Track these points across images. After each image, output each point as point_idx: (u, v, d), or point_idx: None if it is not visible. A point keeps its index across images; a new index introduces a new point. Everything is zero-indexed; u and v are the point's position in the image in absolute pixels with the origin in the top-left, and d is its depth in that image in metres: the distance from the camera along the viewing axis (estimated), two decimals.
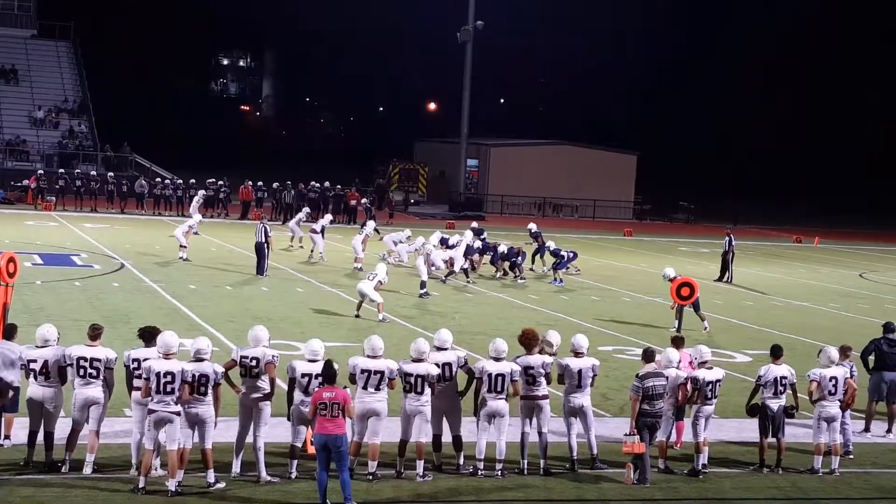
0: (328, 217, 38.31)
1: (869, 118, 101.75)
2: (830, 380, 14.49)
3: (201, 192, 46.23)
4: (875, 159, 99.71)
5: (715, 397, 14.26)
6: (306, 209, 42.06)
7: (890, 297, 35.29)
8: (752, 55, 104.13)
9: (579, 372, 14.01)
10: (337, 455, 12.12)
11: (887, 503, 13.49)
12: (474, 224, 37.25)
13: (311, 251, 35.64)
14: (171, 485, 12.15)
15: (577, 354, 14.13)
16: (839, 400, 14.60)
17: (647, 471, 13.53)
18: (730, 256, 36.15)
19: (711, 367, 14.42)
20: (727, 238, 36.26)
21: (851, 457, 15.25)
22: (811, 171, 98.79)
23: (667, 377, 13.89)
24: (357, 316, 24.03)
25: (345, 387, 12.60)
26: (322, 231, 35.15)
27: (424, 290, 28.16)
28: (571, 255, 34.04)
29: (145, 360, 12.61)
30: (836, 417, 14.56)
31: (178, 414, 12.31)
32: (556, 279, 32.88)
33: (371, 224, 35.60)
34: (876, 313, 29.63)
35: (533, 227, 37.02)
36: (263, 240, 30.51)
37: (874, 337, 17.22)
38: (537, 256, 35.70)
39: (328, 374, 12.38)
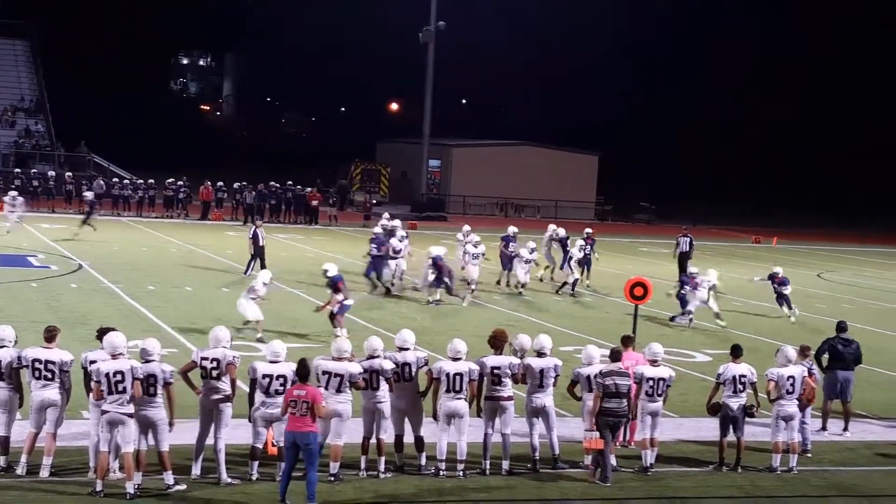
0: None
1: (829, 118, 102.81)
2: (788, 379, 14.60)
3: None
4: (830, 160, 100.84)
5: (659, 395, 14.27)
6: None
7: (847, 296, 35.62)
8: (713, 57, 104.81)
9: (541, 372, 14.04)
10: (306, 453, 12.12)
11: (844, 501, 13.62)
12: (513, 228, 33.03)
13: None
14: (129, 487, 12.06)
15: (540, 354, 14.16)
16: (797, 399, 14.72)
17: (607, 469, 13.58)
18: (688, 257, 36.10)
19: (658, 365, 14.44)
20: (686, 238, 36.22)
21: (809, 455, 15.39)
22: (770, 172, 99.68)
23: (630, 375, 13.93)
24: (240, 330, 21.20)
25: (319, 385, 12.59)
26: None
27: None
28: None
29: (93, 361, 12.48)
30: (794, 416, 14.67)
31: (130, 415, 12.20)
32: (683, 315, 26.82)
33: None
34: (833, 313, 29.86)
35: (561, 231, 33.42)
36: (263, 242, 30.71)
37: (827, 334, 17.41)
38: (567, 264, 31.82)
39: (301, 373, 12.38)
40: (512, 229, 32.65)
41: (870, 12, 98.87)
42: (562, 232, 33.46)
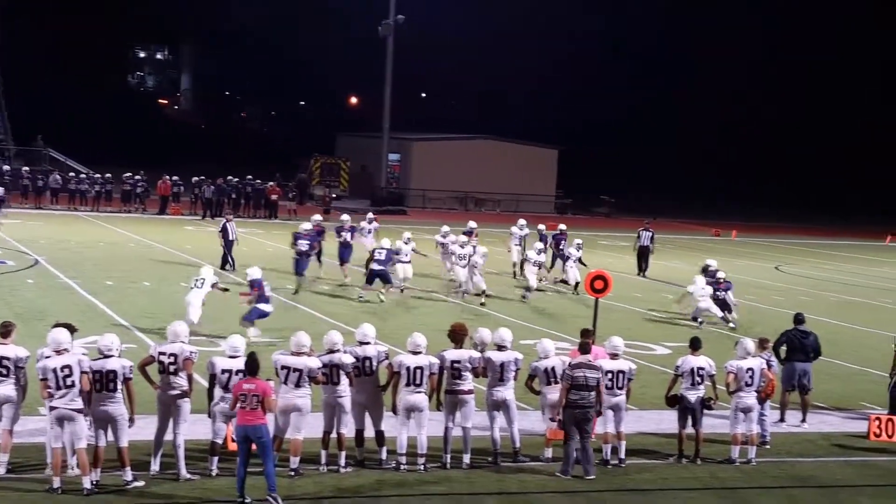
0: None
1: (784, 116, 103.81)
2: (747, 371, 14.68)
3: None
4: (796, 154, 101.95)
5: (619, 388, 14.27)
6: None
7: (804, 289, 35.95)
8: (670, 52, 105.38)
9: (502, 365, 14.05)
10: (259, 446, 12.09)
11: (802, 491, 13.73)
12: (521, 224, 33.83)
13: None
14: (86, 483, 11.96)
15: (500, 348, 14.17)
16: (756, 391, 14.81)
17: (569, 462, 13.60)
18: (648, 251, 36.38)
19: (618, 358, 14.46)
20: (648, 233, 36.34)
21: (768, 446, 15.50)
22: (727, 166, 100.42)
23: (599, 368, 13.92)
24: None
25: (268, 379, 12.52)
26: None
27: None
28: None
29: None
30: (753, 408, 14.76)
31: (79, 411, 12.08)
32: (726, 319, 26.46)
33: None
34: (791, 305, 30.15)
35: (542, 227, 33.42)
36: (235, 237, 30.95)
37: (788, 328, 17.56)
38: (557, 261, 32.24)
39: (250, 367, 12.31)
40: (471, 224, 32.61)
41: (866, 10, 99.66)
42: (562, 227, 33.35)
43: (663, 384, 16.16)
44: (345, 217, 31.94)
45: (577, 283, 30.24)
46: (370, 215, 34.64)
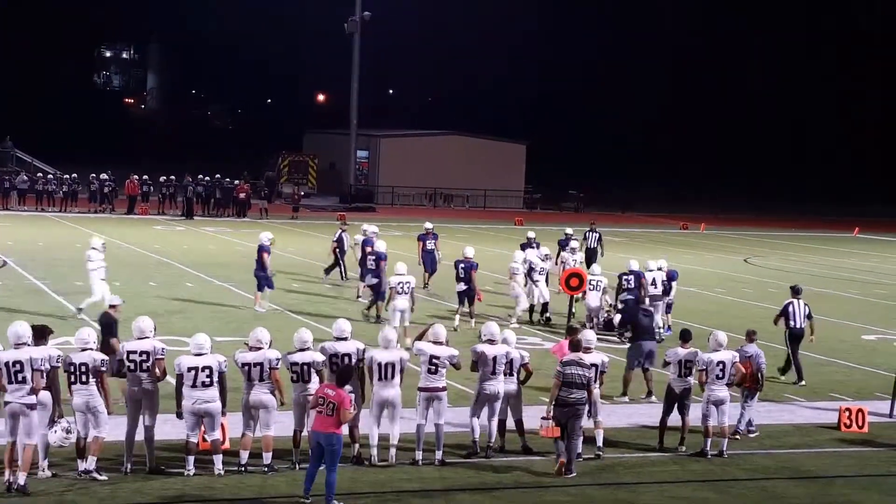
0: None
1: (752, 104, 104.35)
2: (718, 364, 14.74)
3: None
4: (757, 145, 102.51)
5: (596, 381, 14.31)
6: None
7: (773, 281, 36.12)
8: (638, 43, 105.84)
9: (494, 359, 14.07)
10: (329, 454, 12.04)
11: (773, 483, 13.80)
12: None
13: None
14: (21, 479, 11.90)
15: (490, 342, 14.17)
16: (727, 383, 14.88)
17: (567, 457, 13.58)
18: (595, 253, 33.88)
19: (590, 352, 14.41)
20: (594, 234, 34.76)
21: (738, 438, 15.53)
22: (696, 158, 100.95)
23: (589, 367, 13.93)
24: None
25: (351, 391, 12.48)
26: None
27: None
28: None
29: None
30: (725, 400, 14.81)
31: (32, 406, 12.03)
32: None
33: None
34: (760, 297, 30.30)
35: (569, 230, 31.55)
36: (348, 247, 28.90)
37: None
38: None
39: (340, 375, 12.45)
40: (427, 225, 30.38)
41: None
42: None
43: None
44: (372, 228, 27.84)
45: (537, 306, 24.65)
46: (373, 228, 28.22)
